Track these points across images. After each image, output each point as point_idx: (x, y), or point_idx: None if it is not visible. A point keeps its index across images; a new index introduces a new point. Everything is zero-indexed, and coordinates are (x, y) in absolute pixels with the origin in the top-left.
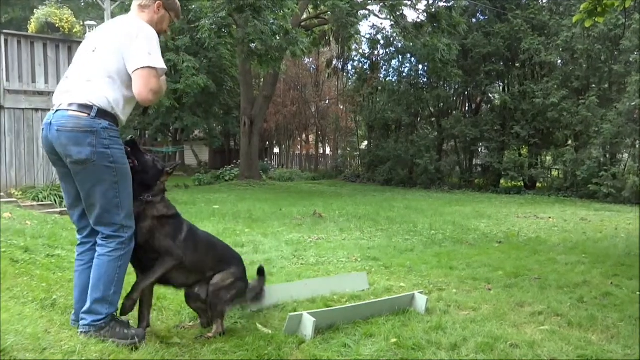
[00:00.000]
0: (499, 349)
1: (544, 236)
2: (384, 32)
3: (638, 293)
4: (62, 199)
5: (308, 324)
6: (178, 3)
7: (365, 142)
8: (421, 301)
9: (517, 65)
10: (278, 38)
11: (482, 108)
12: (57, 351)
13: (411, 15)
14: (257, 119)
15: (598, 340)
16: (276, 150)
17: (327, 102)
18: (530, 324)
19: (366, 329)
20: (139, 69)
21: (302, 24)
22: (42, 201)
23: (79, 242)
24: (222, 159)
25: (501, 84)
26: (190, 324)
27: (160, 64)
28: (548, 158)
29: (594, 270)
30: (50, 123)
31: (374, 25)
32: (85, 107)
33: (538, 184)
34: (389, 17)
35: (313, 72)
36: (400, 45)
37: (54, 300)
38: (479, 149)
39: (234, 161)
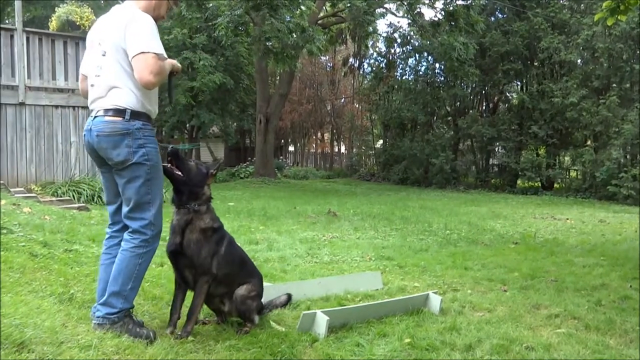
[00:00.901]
0: (514, 351)
1: (562, 238)
2: (401, 30)
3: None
4: (80, 194)
5: (321, 322)
6: None
7: (381, 141)
8: (435, 301)
9: (536, 64)
10: (295, 36)
11: (500, 107)
12: (73, 345)
13: (428, 14)
14: (273, 117)
15: (616, 345)
16: (291, 148)
17: (342, 100)
18: (547, 327)
19: (380, 328)
20: (135, 55)
21: (319, 22)
22: (61, 196)
23: (108, 235)
24: (238, 157)
25: (519, 83)
26: (207, 319)
27: (157, 49)
28: (566, 158)
29: (612, 273)
30: (90, 129)
31: (390, 23)
32: (118, 112)
33: (556, 185)
34: (406, 15)
35: (329, 71)
36: (417, 44)
37: (71, 295)
38: (496, 149)
39: (249, 159)
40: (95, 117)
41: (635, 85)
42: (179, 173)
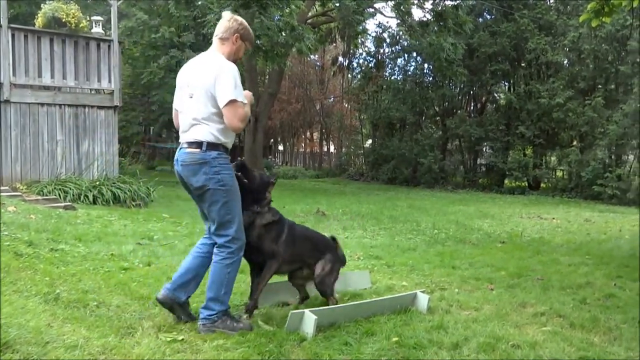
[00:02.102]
0: (500, 349)
1: (548, 237)
2: (390, 30)
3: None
4: (67, 193)
5: (309, 321)
6: (252, 33)
7: (370, 141)
8: (423, 300)
9: (523, 65)
10: (284, 34)
11: (487, 108)
12: (59, 345)
13: (417, 14)
14: (262, 116)
15: (600, 342)
16: (280, 147)
17: (331, 100)
18: (532, 325)
19: (368, 327)
20: (226, 104)
21: (309, 21)
22: (46, 195)
23: (204, 239)
24: None
25: (507, 83)
26: (291, 300)
27: (242, 97)
28: (553, 159)
29: (597, 271)
30: (177, 159)
31: (380, 23)
32: (196, 144)
33: (542, 185)
34: (395, 15)
35: (318, 70)
36: (406, 44)
37: (57, 294)
38: (484, 149)
39: (238, 158)
40: (180, 149)
41: (620, 87)
42: (246, 181)
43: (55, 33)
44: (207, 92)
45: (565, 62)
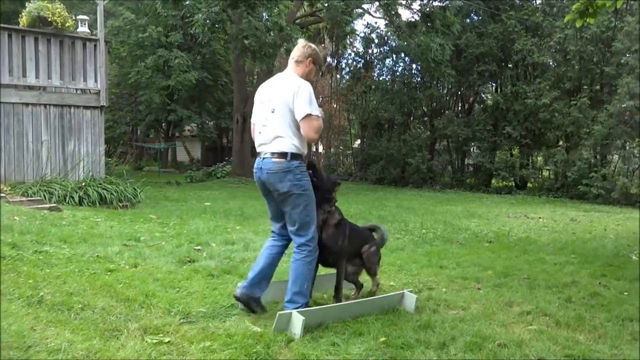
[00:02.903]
0: (487, 348)
1: (534, 236)
2: (378, 30)
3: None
4: (52, 194)
5: (297, 322)
6: (322, 57)
7: (358, 141)
8: (411, 300)
9: (510, 65)
10: (272, 34)
11: (475, 108)
12: (42, 349)
13: (405, 15)
14: (250, 116)
15: (585, 340)
16: None
17: (320, 100)
18: (519, 324)
19: (355, 327)
20: (303, 117)
21: (297, 21)
22: (31, 197)
23: (272, 240)
24: (215, 156)
25: (494, 84)
26: (353, 294)
27: (316, 111)
28: (539, 158)
29: (582, 270)
30: (261, 168)
31: (368, 24)
32: (282, 155)
33: (529, 184)
34: (383, 16)
35: None
36: (394, 44)
37: (40, 297)
38: (471, 149)
39: (226, 158)
40: (264, 158)
41: (605, 87)
42: (315, 180)
43: (40, 32)
44: (287, 107)
45: (551, 63)
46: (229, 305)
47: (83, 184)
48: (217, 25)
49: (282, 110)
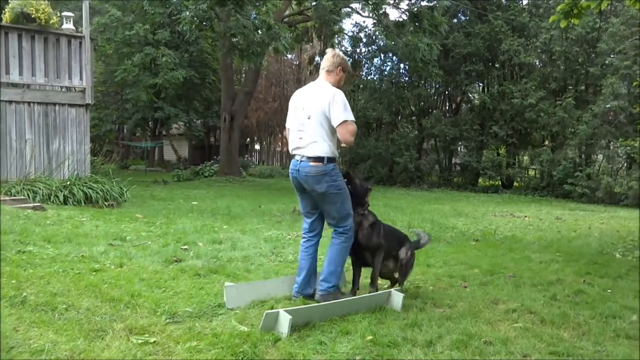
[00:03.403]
0: (473, 346)
1: (520, 234)
2: (367, 30)
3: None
4: (36, 194)
5: (284, 321)
6: (349, 64)
7: None
8: (397, 298)
9: (497, 65)
10: (260, 33)
11: (462, 108)
12: (25, 350)
13: (393, 14)
14: (238, 115)
15: (570, 337)
16: (257, 146)
17: None
18: (504, 321)
19: (342, 326)
20: (340, 123)
21: (285, 19)
22: (14, 196)
23: (305, 239)
24: (202, 155)
25: (481, 84)
26: (386, 287)
27: (351, 117)
28: (525, 158)
29: (567, 268)
30: (298, 170)
31: (356, 23)
32: (319, 159)
33: (515, 183)
34: (371, 15)
35: (295, 69)
36: (382, 44)
37: (24, 298)
38: (458, 148)
39: (214, 157)
40: (300, 161)
41: (589, 88)
42: (350, 187)
43: (24, 29)
44: (323, 114)
45: (537, 63)
46: (216, 305)
47: (68, 182)
48: (204, 23)
49: (318, 117)
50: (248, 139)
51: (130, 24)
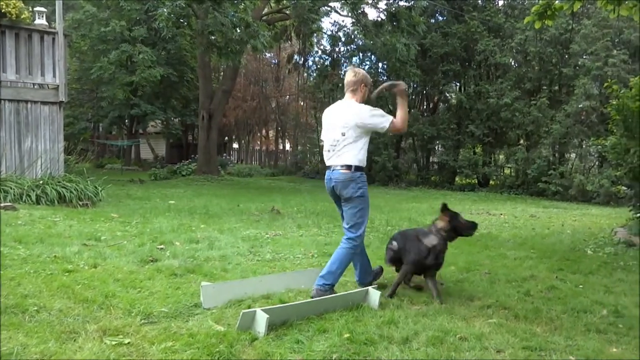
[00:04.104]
0: (448, 342)
1: (495, 232)
2: (345, 29)
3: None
4: (7, 193)
5: (261, 320)
6: (369, 77)
7: None
8: (375, 296)
9: (473, 65)
10: (239, 31)
11: (439, 107)
12: None
13: (372, 14)
14: (216, 113)
15: (542, 332)
16: (235, 145)
17: (287, 97)
18: (479, 317)
19: (320, 324)
20: (386, 126)
21: (264, 17)
22: None
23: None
24: (179, 154)
25: (457, 83)
26: (411, 284)
27: (390, 117)
28: (501, 156)
29: (540, 264)
30: (331, 178)
31: (335, 22)
32: (348, 167)
33: (491, 182)
34: (350, 14)
35: (274, 67)
36: (361, 43)
37: None
38: (436, 147)
39: (192, 156)
40: (333, 170)
41: (563, 88)
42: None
43: None
44: (356, 128)
45: (513, 63)
46: (192, 305)
47: (41, 182)
48: (182, 20)
49: (350, 132)
50: (226, 138)
51: (106, 20)
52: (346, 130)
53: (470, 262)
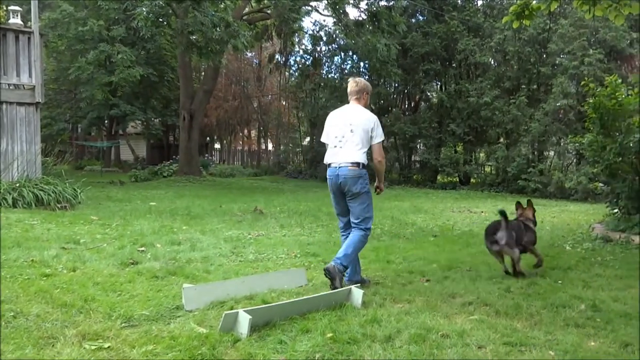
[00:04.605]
0: (430, 339)
1: (477, 229)
2: (327, 28)
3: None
4: None
5: (244, 321)
6: (368, 84)
7: (308, 138)
8: (357, 295)
9: (454, 65)
10: (219, 30)
11: (421, 106)
12: None
13: (353, 13)
14: (197, 114)
15: (522, 328)
16: (217, 145)
17: (269, 97)
18: (461, 314)
19: (303, 324)
20: (379, 142)
21: (245, 17)
22: None
23: (345, 235)
24: (160, 155)
25: (438, 82)
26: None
27: (384, 138)
28: (481, 155)
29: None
30: (337, 174)
31: (316, 21)
32: (356, 164)
33: (472, 180)
34: (331, 14)
35: (255, 67)
36: (342, 43)
37: None
38: (418, 146)
39: (173, 157)
40: (339, 167)
41: (541, 87)
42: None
43: None
44: (365, 131)
45: (492, 62)
46: (174, 307)
47: (17, 184)
48: (161, 20)
49: (360, 132)
50: (208, 138)
51: (84, 19)
52: (355, 128)
53: (452, 259)
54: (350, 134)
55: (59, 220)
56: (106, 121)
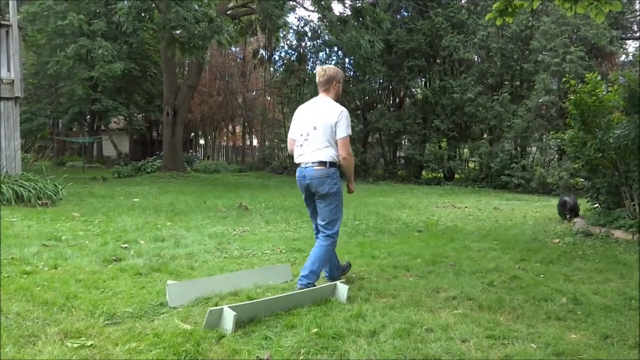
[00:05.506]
0: (415, 333)
1: (460, 225)
2: (311, 24)
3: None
4: None
5: (228, 317)
6: (341, 72)
7: None
8: (343, 290)
9: (438, 61)
10: (202, 25)
11: (405, 102)
12: None
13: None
14: (181, 109)
15: (505, 321)
16: (201, 141)
17: (254, 93)
18: (445, 309)
19: (288, 320)
20: (342, 137)
21: (228, 12)
22: None
23: (317, 234)
24: (144, 150)
25: (423, 79)
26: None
27: (350, 133)
28: (465, 151)
29: (504, 255)
30: (304, 175)
31: (301, 17)
32: (323, 163)
33: (456, 175)
34: (316, 9)
35: (240, 62)
36: (327, 38)
37: None
38: (402, 142)
39: (157, 152)
40: (305, 167)
41: (524, 83)
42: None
43: None
44: (329, 126)
45: (476, 59)
46: (158, 304)
47: None
48: (143, 14)
49: (323, 129)
50: (192, 134)
51: (63, 13)
52: (318, 125)
53: (436, 254)
54: (314, 131)
55: (39, 217)
56: (88, 116)
